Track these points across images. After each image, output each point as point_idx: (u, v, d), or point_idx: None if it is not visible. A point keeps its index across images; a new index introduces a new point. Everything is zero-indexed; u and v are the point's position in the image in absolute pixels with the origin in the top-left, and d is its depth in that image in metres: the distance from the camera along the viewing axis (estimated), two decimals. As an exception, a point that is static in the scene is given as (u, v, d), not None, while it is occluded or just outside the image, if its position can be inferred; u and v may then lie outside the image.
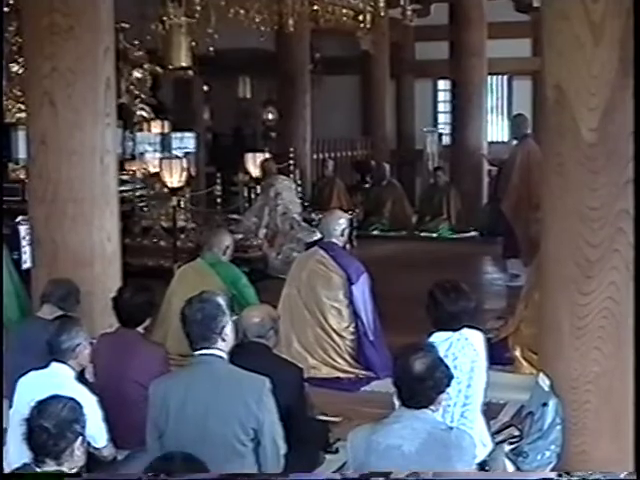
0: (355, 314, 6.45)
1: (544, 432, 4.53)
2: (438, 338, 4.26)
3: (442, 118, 17.52)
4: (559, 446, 4.54)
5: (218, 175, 11.30)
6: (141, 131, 11.48)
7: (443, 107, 17.43)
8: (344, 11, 11.21)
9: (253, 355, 4.41)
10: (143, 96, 11.52)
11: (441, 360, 3.54)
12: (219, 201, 11.15)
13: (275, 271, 9.73)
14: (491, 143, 14.55)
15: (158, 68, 11.51)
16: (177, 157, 10.10)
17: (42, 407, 3.37)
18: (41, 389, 3.88)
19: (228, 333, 3.93)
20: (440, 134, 16.48)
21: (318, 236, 7.99)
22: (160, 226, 10.27)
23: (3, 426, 4.52)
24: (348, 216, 7.57)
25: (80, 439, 3.38)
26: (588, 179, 4.38)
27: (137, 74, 11.34)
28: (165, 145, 11.71)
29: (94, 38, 5.85)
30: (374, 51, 16.27)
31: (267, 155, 11.82)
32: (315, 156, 14.66)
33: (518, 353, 6.34)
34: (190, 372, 3.95)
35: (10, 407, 4.44)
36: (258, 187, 11.25)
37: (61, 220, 5.90)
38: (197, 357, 3.89)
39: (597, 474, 4.06)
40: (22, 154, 9.12)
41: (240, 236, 9.91)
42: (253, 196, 11.46)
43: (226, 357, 3.93)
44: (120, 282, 5.96)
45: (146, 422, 3.91)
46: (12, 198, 8.73)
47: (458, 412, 4.22)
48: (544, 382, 4.60)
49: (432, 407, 3.43)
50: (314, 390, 5.41)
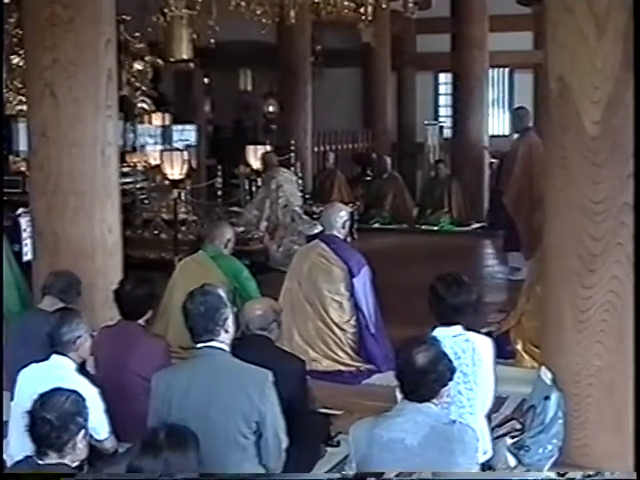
0: (356, 307, 6.43)
1: (546, 426, 4.53)
2: (441, 334, 4.22)
3: (443, 111, 17.49)
4: (561, 440, 4.54)
5: (219, 167, 11.25)
6: (142, 123, 11.46)
7: (444, 100, 17.41)
8: (345, 3, 11.14)
9: (255, 348, 4.40)
10: (144, 88, 11.49)
11: (444, 353, 3.51)
12: (220, 194, 11.11)
13: (276, 264, 9.71)
14: (492, 137, 14.52)
15: (159, 60, 11.50)
16: (178, 149, 10.07)
17: (45, 399, 3.37)
18: (42, 381, 3.88)
19: (230, 325, 3.94)
20: (441, 127, 16.46)
21: (319, 229, 7.97)
22: (161, 218, 10.24)
23: (4, 419, 4.51)
24: (349, 209, 7.55)
25: (83, 432, 3.39)
26: (591, 172, 4.38)
27: (138, 66, 11.31)
28: (166, 137, 11.69)
29: (95, 30, 5.84)
30: (375, 43, 16.23)
31: (268, 147, 11.80)
32: (316, 149, 14.63)
33: (520, 346, 6.32)
34: (193, 364, 3.95)
35: (11, 399, 4.44)
36: (259, 180, 11.22)
37: (62, 212, 5.89)
38: (200, 349, 3.89)
39: (597, 474, 4.07)
40: (23, 146, 9.11)
41: (241, 229, 9.90)
42: (254, 189, 11.43)
43: (228, 349, 3.93)
44: (121, 274, 5.96)
45: (148, 414, 3.91)
46: (13, 190, 8.75)
47: (456, 413, 4.17)
48: (546, 376, 4.59)
49: (435, 400, 3.41)
50: (315, 383, 5.39)
